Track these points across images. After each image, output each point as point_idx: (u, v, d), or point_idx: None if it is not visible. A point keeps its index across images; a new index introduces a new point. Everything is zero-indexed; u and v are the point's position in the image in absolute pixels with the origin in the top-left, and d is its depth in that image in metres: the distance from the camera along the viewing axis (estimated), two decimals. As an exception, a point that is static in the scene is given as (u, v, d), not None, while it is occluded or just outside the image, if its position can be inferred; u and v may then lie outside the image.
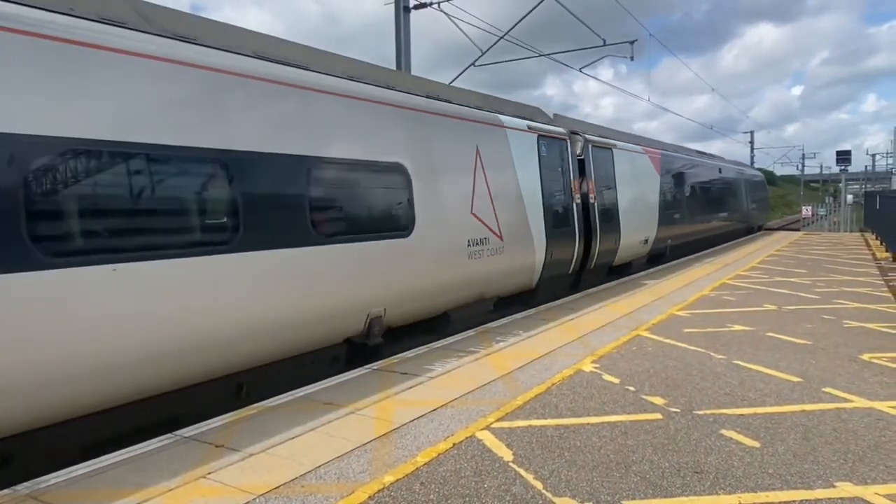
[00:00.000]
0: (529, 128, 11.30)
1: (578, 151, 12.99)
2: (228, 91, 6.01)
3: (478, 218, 9.37)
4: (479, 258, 9.32)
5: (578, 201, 12.54)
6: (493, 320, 9.35)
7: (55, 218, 4.67)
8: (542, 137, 11.61)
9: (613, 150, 14.73)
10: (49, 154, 4.61)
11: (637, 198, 15.65)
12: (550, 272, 11.50)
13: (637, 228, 15.36)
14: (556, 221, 11.60)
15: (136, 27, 5.46)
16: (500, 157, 10.24)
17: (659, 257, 17.77)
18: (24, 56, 4.52)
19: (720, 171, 25.20)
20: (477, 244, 9.31)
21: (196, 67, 5.73)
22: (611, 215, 13.98)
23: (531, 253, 10.80)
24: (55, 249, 4.58)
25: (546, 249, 11.17)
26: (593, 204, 13.16)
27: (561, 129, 12.51)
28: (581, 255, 12.62)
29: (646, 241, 16.20)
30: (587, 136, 13.48)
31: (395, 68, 13.94)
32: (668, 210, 17.86)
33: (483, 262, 9.42)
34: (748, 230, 30.53)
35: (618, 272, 14.92)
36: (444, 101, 9.40)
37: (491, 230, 9.67)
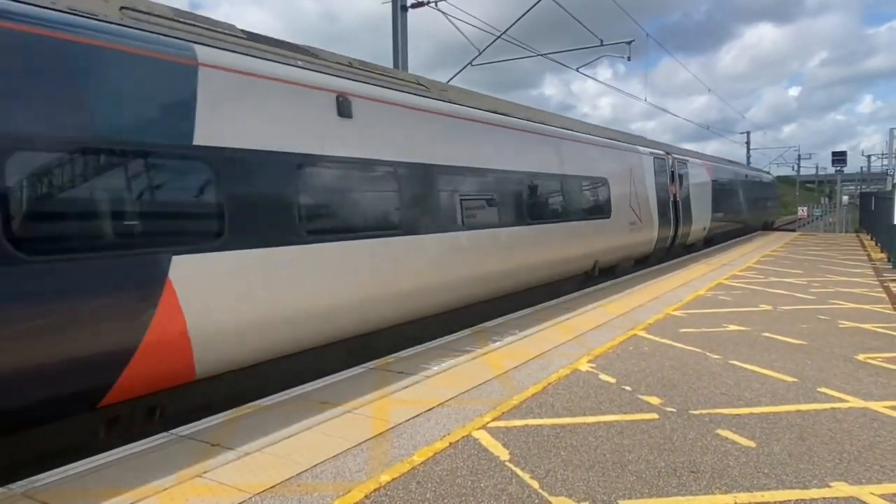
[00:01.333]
0: (650, 152, 17.53)
1: (670, 165, 18.86)
2: (573, 150, 12.93)
3: (631, 208, 15.40)
4: (631, 233, 15.42)
5: (671, 199, 18.45)
6: (489, 319, 9.36)
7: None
8: (655, 158, 17.70)
9: (687, 163, 20.65)
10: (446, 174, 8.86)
11: (700, 198, 21.50)
12: (658, 245, 17.59)
13: (700, 219, 21.38)
14: (661, 212, 17.47)
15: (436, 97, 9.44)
16: (639, 172, 16.28)
17: (710, 241, 23.56)
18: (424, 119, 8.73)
19: (746, 176, 31.76)
20: (631, 224, 15.34)
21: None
22: (687, 209, 19.87)
23: (651, 231, 16.81)
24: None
25: (657, 230, 17.22)
26: (677, 202, 18.95)
27: (662, 152, 18.74)
28: (673, 235, 18.68)
29: (704, 228, 22.21)
30: (673, 154, 19.54)
31: (392, 66, 13.93)
32: (717, 206, 23.58)
33: (633, 235, 15.55)
34: (766, 224, 36.12)
35: (688, 249, 21.02)
36: (613, 139, 15.85)
37: (637, 216, 15.71)
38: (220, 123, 5.75)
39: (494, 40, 16.62)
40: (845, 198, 42.22)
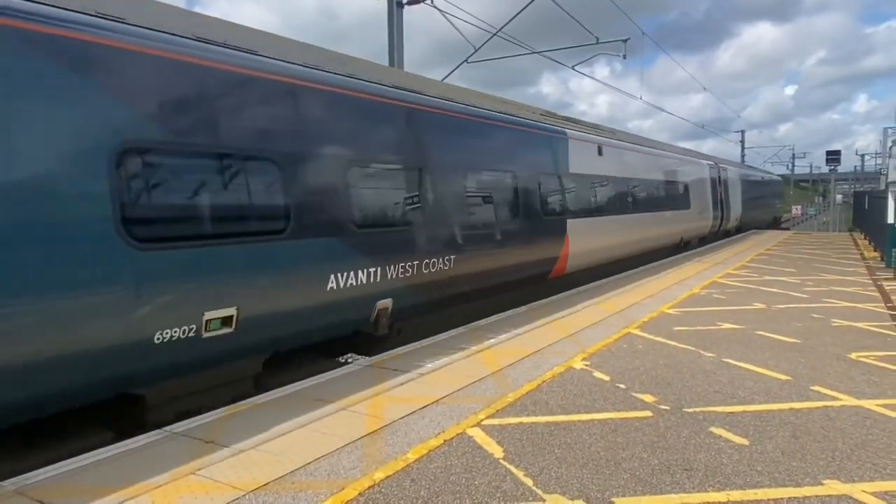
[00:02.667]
0: (706, 162, 24.85)
1: (717, 172, 25.86)
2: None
3: (699, 203, 22.39)
4: (699, 220, 22.69)
5: (718, 197, 25.51)
6: (484, 317, 9.37)
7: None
8: (709, 166, 24.89)
9: (727, 170, 28.02)
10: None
11: (734, 196, 28.54)
12: (711, 230, 24.91)
13: (735, 212, 28.65)
14: (714, 206, 24.68)
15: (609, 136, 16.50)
16: (701, 177, 23.30)
17: (739, 229, 30.34)
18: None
19: (762, 178, 40.06)
20: (699, 213, 22.41)
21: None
22: (727, 205, 26.91)
23: (708, 220, 24.08)
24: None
25: (711, 219, 24.49)
26: (722, 199, 25.94)
27: (712, 162, 26.35)
28: (719, 223, 25.88)
29: (737, 219, 29.48)
30: (718, 164, 27.14)
31: (387, 64, 13.90)
32: (744, 203, 30.64)
33: (700, 221, 22.84)
34: (775, 219, 42.96)
35: (726, 234, 27.82)
36: (686, 154, 24.22)
37: (701, 208, 22.78)
38: (574, 162, 12.77)
39: (490, 38, 16.61)
40: (839, 197, 42.49)
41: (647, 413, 5.25)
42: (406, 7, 14.98)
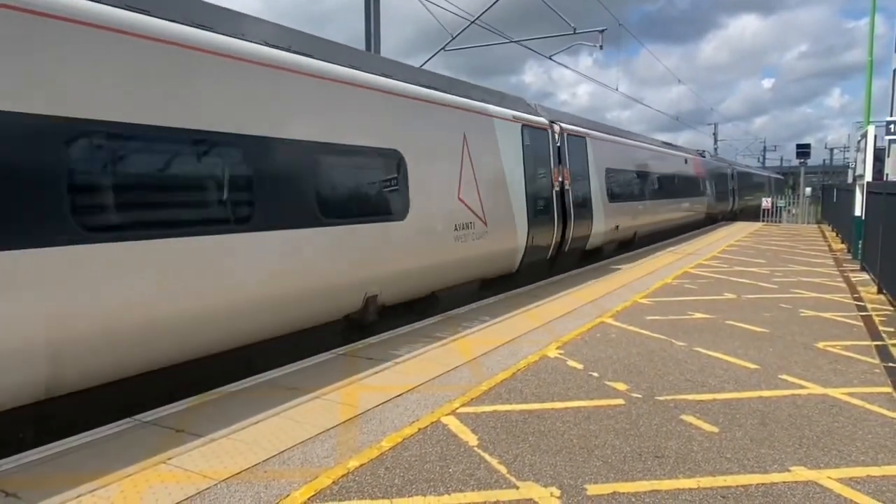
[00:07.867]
0: (767, 174, 57.09)
1: (769, 177, 56.78)
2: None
3: (768, 193, 47.06)
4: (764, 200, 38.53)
5: (770, 190, 50.23)
6: (459, 306, 9.37)
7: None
8: (766, 174, 56.39)
9: (772, 176, 56.98)
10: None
11: (772, 189, 51.00)
12: (769, 205, 36.77)
13: (773, 199, 39.58)
14: (769, 194, 45.00)
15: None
16: (768, 180, 54.73)
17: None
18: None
19: (776, 177, 60.33)
20: (764, 198, 37.88)
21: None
22: (770, 194, 44.11)
23: (766, 201, 36.20)
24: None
25: (769, 201, 37.39)
26: (771, 191, 49.22)
27: (768, 174, 57.31)
28: (773, 205, 36.86)
29: (772, 201, 39.73)
30: (769, 173, 59.18)
31: (363, 49, 13.75)
32: (774, 192, 48.29)
33: (765, 201, 37.36)
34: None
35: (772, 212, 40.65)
36: (762, 171, 63.04)
37: (766, 198, 37.47)
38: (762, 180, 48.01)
39: (467, 26, 16.54)
40: (808, 189, 43.43)
41: (620, 401, 5.30)
42: (383, -8, 14.81)
